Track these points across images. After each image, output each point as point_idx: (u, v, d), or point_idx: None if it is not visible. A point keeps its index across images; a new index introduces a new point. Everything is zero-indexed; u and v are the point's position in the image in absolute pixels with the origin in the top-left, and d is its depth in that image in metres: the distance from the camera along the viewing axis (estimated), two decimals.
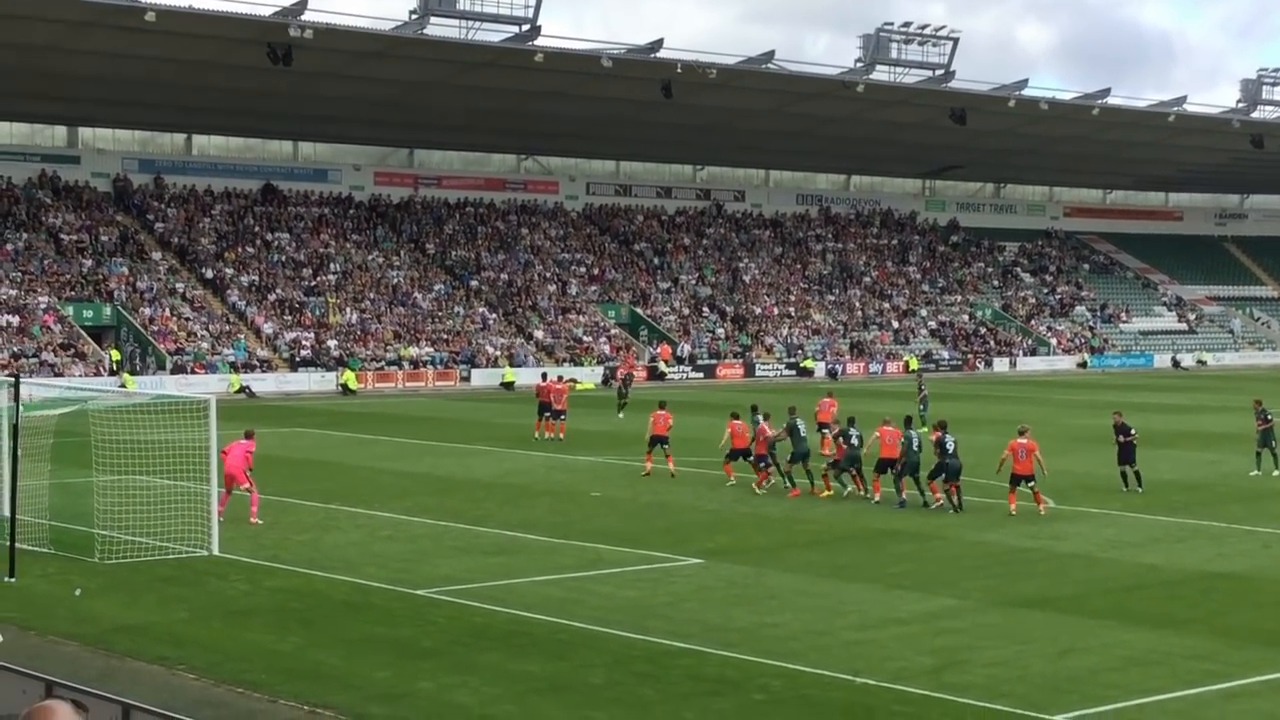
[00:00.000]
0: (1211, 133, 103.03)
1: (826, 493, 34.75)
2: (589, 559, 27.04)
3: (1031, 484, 32.12)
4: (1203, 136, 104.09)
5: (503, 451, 45.06)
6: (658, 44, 79.58)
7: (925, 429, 44.68)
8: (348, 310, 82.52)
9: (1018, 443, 32.38)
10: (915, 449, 33.63)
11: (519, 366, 79.62)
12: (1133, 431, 35.99)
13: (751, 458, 35.94)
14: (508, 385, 77.06)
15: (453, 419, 58.53)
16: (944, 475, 32.93)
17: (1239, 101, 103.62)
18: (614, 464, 41.74)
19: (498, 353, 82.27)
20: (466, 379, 79.17)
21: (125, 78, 76.23)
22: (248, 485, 30.40)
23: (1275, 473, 38.63)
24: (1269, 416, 39.44)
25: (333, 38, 72.74)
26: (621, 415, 56.81)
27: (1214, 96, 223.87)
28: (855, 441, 34.68)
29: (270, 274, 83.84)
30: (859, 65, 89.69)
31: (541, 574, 25.77)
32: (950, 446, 32.75)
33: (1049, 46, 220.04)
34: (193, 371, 72.41)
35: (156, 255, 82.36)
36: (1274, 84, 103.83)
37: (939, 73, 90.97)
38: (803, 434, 35.84)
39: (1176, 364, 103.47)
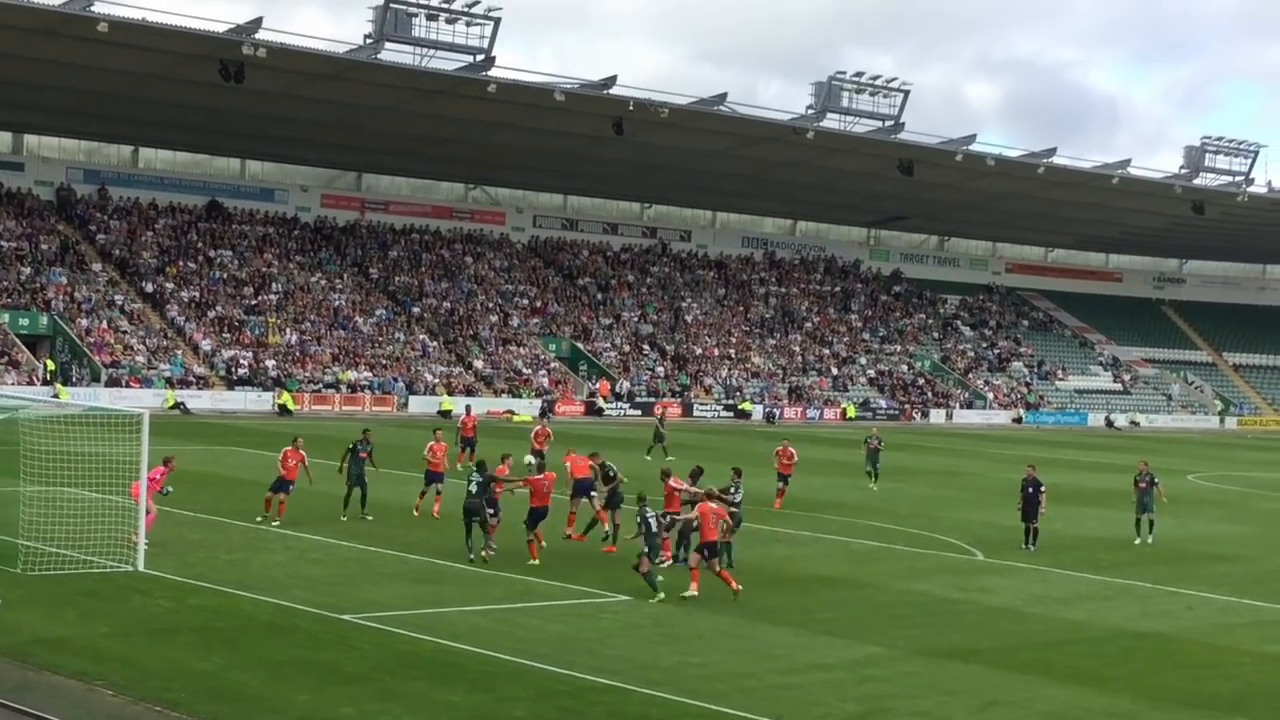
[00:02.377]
0: (1154, 196, 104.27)
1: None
2: (518, 591, 26.94)
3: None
4: (1145, 200, 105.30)
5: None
6: (611, 80, 79.83)
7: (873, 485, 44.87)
8: (287, 331, 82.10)
9: None
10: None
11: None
12: (1043, 489, 35.88)
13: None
14: (444, 413, 76.80)
15: (389, 444, 58.24)
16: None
17: (1181, 167, 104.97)
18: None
19: (436, 380, 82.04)
20: (405, 405, 78.86)
21: (74, 87, 75.79)
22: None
23: (1149, 540, 37.36)
24: (1154, 480, 37.61)
25: (286, 58, 72.58)
26: (649, 456, 54.46)
27: (1155, 162, 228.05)
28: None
29: (211, 291, 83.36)
30: (810, 112, 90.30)
31: (470, 604, 25.64)
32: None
33: (996, 104, 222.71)
34: (127, 385, 71.81)
35: (97, 266, 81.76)
36: (1216, 152, 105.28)
37: (889, 123, 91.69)
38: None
39: (1110, 424, 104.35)
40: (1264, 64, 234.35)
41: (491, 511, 30.13)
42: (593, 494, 33.13)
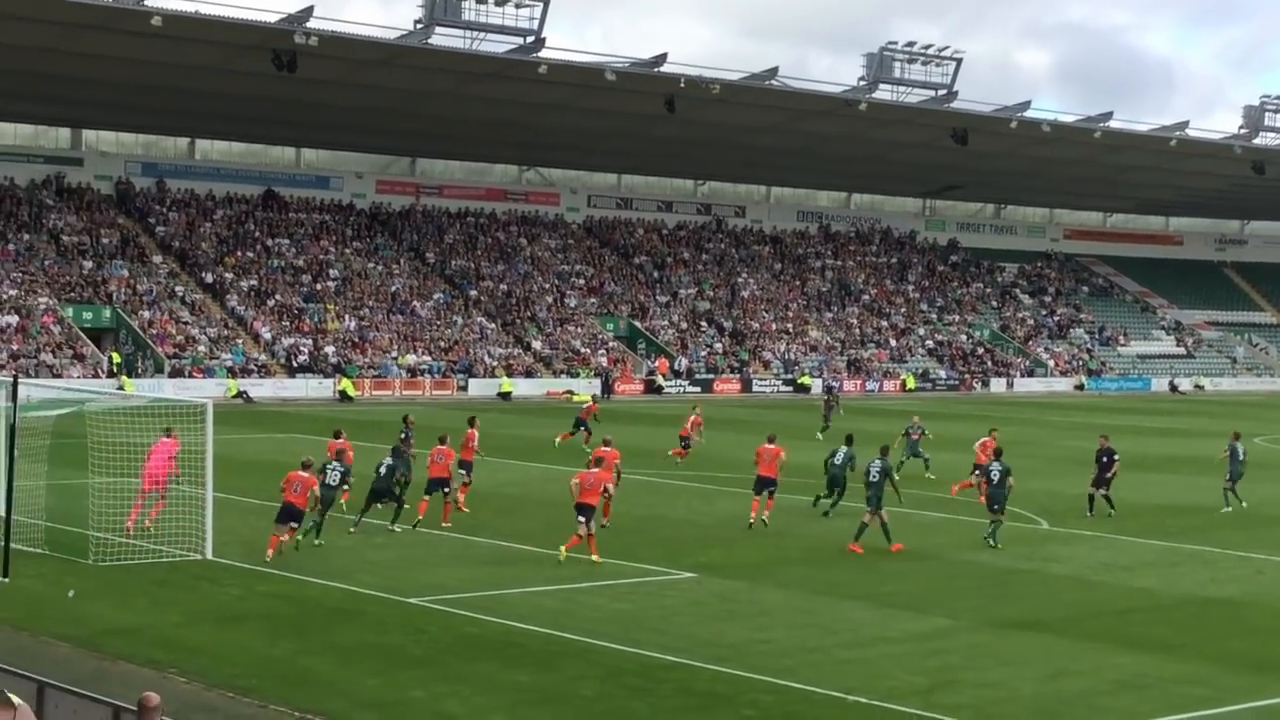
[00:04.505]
0: (1213, 158, 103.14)
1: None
2: (582, 571, 27.03)
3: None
4: (1204, 161, 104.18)
5: (498, 462, 45.01)
6: (661, 58, 79.68)
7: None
8: (346, 317, 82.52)
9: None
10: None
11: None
12: (1116, 458, 35.71)
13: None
14: (505, 395, 77.09)
15: (448, 428, 58.57)
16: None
17: (1241, 127, 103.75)
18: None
19: (495, 363, 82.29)
20: (464, 388, 79.16)
21: (129, 81, 76.29)
22: (161, 490, 29.01)
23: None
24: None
25: (338, 46, 72.81)
26: (820, 436, 54.45)
27: (1212, 123, 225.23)
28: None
29: (270, 279, 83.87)
30: (861, 84, 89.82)
31: (534, 585, 25.77)
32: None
33: (1049, 70, 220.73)
34: (190, 375, 72.38)
35: (157, 259, 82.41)
36: (1276, 111, 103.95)
37: (941, 93, 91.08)
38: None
39: (1174, 388, 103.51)
40: None
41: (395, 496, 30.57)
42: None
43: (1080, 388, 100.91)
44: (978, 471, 35.06)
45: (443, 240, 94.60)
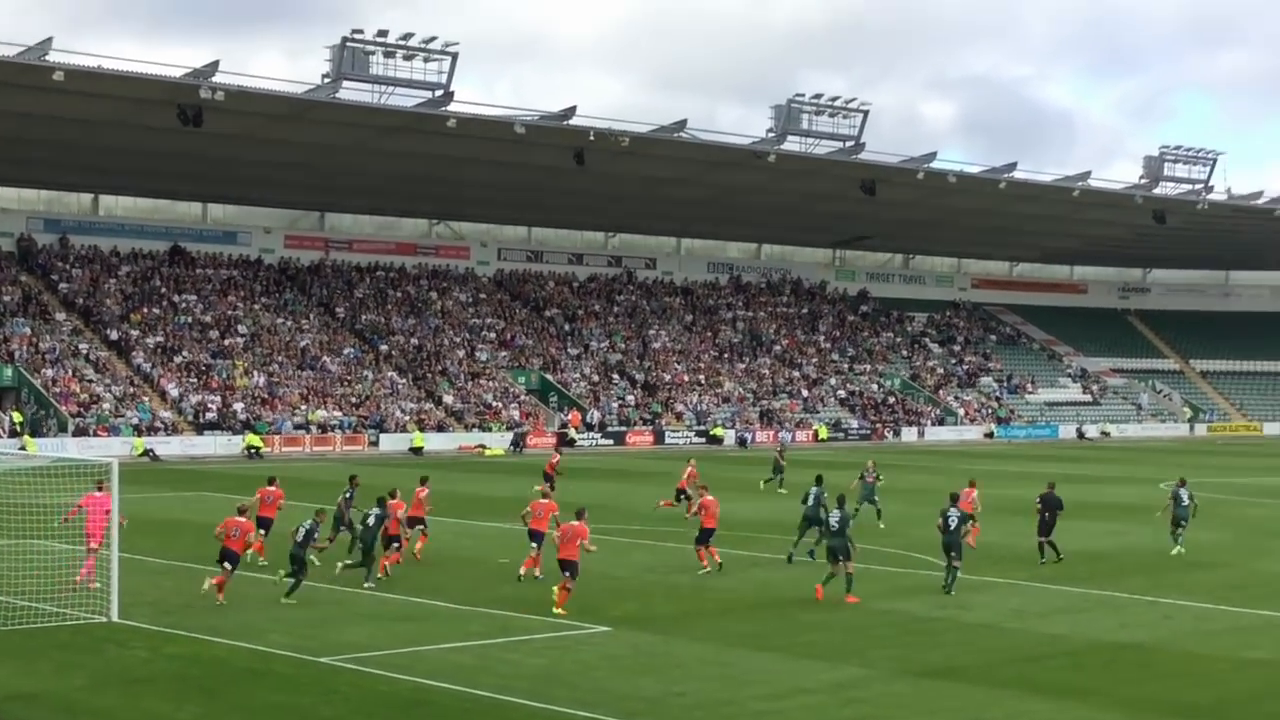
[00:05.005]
0: (1115, 207, 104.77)
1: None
2: (497, 626, 26.82)
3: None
4: (1106, 211, 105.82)
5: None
6: (570, 111, 79.89)
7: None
8: (255, 374, 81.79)
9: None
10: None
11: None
12: (1058, 510, 36.16)
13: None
14: (416, 450, 76.61)
15: (361, 483, 58.05)
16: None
17: (1141, 177, 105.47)
18: (520, 530, 41.46)
19: (406, 417, 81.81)
20: (375, 443, 78.61)
21: (32, 137, 75.50)
22: (96, 545, 28.84)
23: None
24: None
25: (244, 100, 72.47)
26: (772, 489, 54.30)
27: (1113, 173, 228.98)
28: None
29: (176, 336, 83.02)
30: (770, 135, 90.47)
31: (449, 641, 25.52)
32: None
33: (954, 121, 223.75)
34: (95, 434, 71.37)
35: (60, 316, 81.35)
36: (1175, 161, 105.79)
37: (849, 144, 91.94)
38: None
39: (1081, 435, 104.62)
40: (1214, 74, 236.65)
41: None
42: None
43: (990, 435, 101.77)
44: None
45: (352, 295, 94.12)
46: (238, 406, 77.71)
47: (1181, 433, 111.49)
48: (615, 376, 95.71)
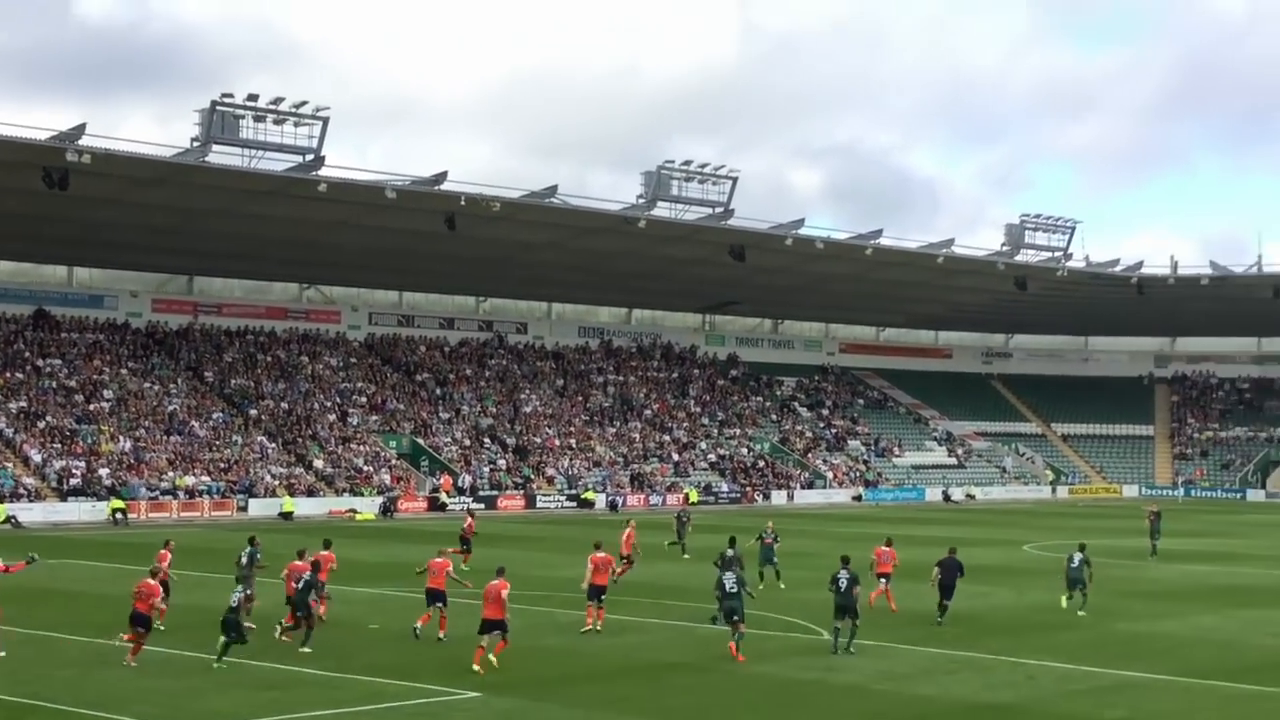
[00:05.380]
0: (978, 274, 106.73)
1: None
2: (366, 693, 26.72)
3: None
4: (970, 277, 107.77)
5: (279, 584, 44.25)
6: (441, 176, 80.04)
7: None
8: (121, 439, 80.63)
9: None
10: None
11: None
12: (959, 574, 37.08)
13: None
14: (286, 515, 75.88)
15: (229, 549, 57.43)
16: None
17: (1003, 244, 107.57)
18: (391, 595, 41.35)
19: (276, 482, 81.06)
20: (244, 509, 77.76)
21: None
22: None
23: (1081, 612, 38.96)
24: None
25: (112, 163, 71.76)
26: (675, 552, 54.99)
27: (976, 240, 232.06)
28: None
29: (40, 400, 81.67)
30: (641, 201, 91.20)
31: (317, 709, 25.38)
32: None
33: (821, 189, 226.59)
34: None
35: None
36: (1035, 229, 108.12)
37: (718, 210, 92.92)
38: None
39: (947, 498, 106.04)
40: (1067, 145, 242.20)
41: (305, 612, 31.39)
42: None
43: (858, 499, 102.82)
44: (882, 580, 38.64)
45: (221, 359, 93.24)
46: (103, 472, 76.55)
47: (1044, 495, 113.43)
48: (487, 441, 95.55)
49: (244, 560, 35.69)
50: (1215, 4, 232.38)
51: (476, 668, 28.44)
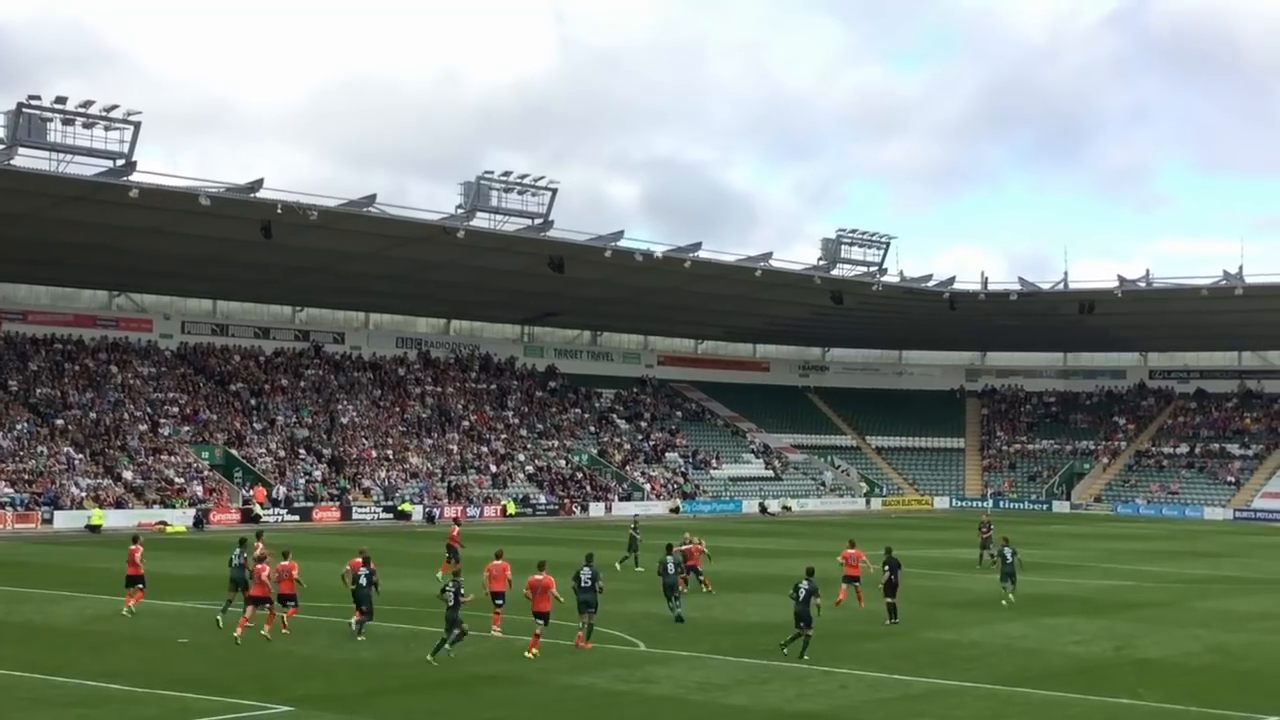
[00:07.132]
0: (795, 287, 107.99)
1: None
2: (174, 709, 26.19)
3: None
4: (787, 291, 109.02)
5: (86, 598, 43.28)
6: (258, 184, 78.87)
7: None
8: None
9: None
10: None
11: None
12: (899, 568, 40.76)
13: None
14: (94, 528, 74.14)
15: (32, 563, 56.04)
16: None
17: (820, 259, 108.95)
18: (203, 609, 40.58)
19: (83, 494, 79.16)
20: (49, 521, 75.80)
21: None
22: None
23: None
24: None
25: None
26: (628, 568, 55.75)
27: (792, 254, 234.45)
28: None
29: None
30: (460, 212, 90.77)
31: None
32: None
33: (639, 201, 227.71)
34: None
35: None
36: (851, 244, 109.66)
37: (538, 222, 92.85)
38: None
39: (764, 509, 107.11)
40: (881, 162, 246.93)
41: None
42: None
43: (676, 510, 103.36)
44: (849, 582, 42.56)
45: (26, 368, 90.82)
46: None
47: (859, 507, 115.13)
48: (302, 452, 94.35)
49: (234, 562, 37.40)
50: (1018, 28, 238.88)
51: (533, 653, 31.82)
